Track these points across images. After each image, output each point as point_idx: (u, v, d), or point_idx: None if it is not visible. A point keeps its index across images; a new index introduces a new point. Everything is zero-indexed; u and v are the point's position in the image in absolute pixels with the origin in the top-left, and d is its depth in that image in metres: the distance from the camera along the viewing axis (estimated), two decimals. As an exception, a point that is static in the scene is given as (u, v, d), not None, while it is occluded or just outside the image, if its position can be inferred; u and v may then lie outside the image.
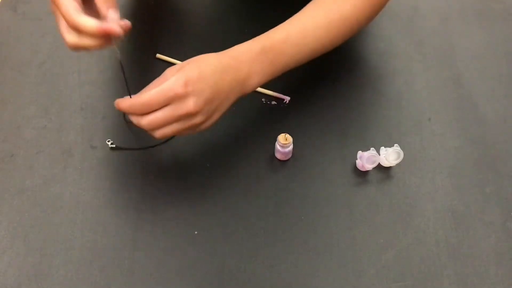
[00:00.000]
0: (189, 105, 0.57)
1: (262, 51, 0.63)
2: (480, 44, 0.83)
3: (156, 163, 0.69)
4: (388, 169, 0.69)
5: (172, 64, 0.77)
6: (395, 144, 0.67)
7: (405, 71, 0.79)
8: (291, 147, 0.67)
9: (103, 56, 0.79)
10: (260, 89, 0.75)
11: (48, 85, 0.76)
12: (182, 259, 0.61)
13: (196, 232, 0.63)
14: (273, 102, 0.74)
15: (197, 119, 0.58)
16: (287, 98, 0.74)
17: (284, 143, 0.66)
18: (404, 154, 0.67)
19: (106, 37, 0.55)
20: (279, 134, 0.67)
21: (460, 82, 0.78)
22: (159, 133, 0.59)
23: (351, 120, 0.73)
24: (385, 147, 0.68)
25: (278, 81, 0.75)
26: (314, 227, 0.64)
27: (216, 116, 0.61)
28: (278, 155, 0.68)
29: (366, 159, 0.67)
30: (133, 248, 0.62)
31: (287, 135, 0.66)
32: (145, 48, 0.80)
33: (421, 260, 0.62)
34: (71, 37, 0.56)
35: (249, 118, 0.73)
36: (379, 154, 0.67)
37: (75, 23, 0.54)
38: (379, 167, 0.68)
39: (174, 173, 0.68)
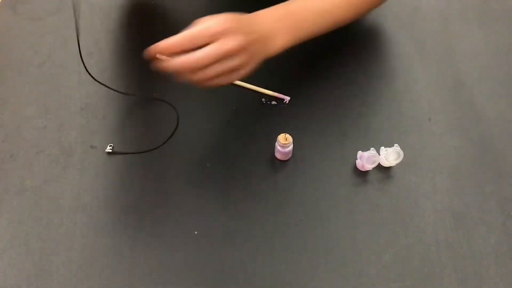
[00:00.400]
0: (230, 43, 0.58)
1: (286, 13, 0.65)
2: (480, 44, 0.83)
3: (156, 163, 0.69)
4: (388, 169, 0.69)
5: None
6: (395, 144, 0.67)
7: (405, 71, 0.79)
8: (291, 147, 0.67)
9: (103, 56, 0.79)
10: (260, 89, 0.75)
11: (48, 85, 0.76)
12: (182, 259, 0.61)
13: (196, 232, 0.63)
14: (273, 102, 0.74)
15: (237, 61, 0.59)
16: (287, 98, 0.74)
17: (284, 143, 0.66)
18: (404, 154, 0.67)
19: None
20: (279, 134, 0.67)
21: (460, 82, 0.78)
22: (199, 76, 0.59)
23: (351, 120, 0.73)
24: (385, 147, 0.68)
25: (278, 81, 0.76)
26: (314, 227, 0.64)
27: (251, 64, 0.61)
28: (278, 155, 0.68)
29: (366, 159, 0.67)
30: (133, 248, 0.62)
31: (287, 135, 0.66)
32: (145, 48, 0.80)
33: (421, 260, 0.62)
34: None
35: (249, 118, 0.73)
36: (379, 154, 0.67)
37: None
38: (379, 167, 0.68)
39: (174, 173, 0.68)
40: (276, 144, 0.67)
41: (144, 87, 0.76)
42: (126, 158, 0.68)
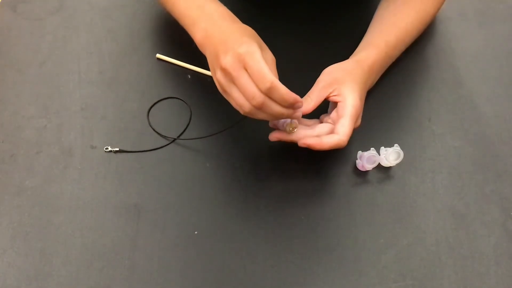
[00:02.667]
0: (360, 119, 0.67)
1: (385, 57, 0.72)
2: (480, 44, 0.83)
3: (156, 163, 0.69)
4: (388, 169, 0.69)
5: (172, 64, 0.77)
6: (395, 144, 0.67)
7: (406, 71, 0.79)
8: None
9: (103, 56, 0.79)
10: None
11: (48, 85, 0.76)
12: (182, 259, 0.61)
13: (196, 232, 0.63)
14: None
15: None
16: (287, 98, 0.74)
17: (291, 129, 0.65)
18: (404, 154, 0.67)
19: (290, 107, 0.60)
20: None
21: (460, 82, 0.78)
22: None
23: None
24: (385, 147, 0.68)
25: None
26: (314, 227, 0.64)
27: None
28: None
29: (366, 159, 0.67)
30: (133, 248, 0.62)
31: (294, 122, 0.65)
32: (145, 48, 0.80)
33: (421, 260, 0.62)
34: (261, 96, 0.57)
35: (249, 118, 0.72)
36: (379, 154, 0.67)
37: (274, 85, 0.57)
38: (379, 167, 0.68)
39: (174, 173, 0.68)
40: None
41: (144, 86, 0.76)
42: (126, 158, 0.68)
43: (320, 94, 0.66)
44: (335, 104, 0.66)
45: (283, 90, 0.58)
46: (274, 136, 0.65)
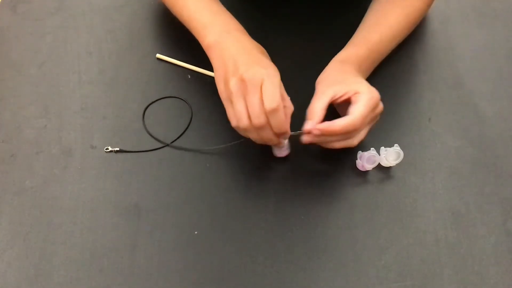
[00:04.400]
0: (381, 105, 0.65)
1: (368, 53, 0.71)
2: (480, 44, 0.83)
3: (156, 163, 0.69)
4: (388, 169, 0.69)
5: (172, 64, 0.77)
6: (395, 144, 0.67)
7: (405, 71, 0.79)
8: (286, 142, 0.67)
9: (103, 56, 0.79)
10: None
11: (48, 85, 0.76)
12: (182, 259, 0.61)
13: (196, 232, 0.63)
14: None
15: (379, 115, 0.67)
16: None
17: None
18: (404, 154, 0.67)
19: (280, 135, 0.63)
20: None
21: (460, 82, 0.78)
22: (357, 141, 0.65)
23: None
24: (385, 147, 0.68)
25: (278, 81, 0.75)
26: (314, 227, 0.64)
27: None
28: (275, 152, 0.68)
29: (366, 159, 0.67)
30: (133, 248, 0.62)
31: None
32: (145, 48, 0.80)
33: (421, 260, 0.62)
34: (263, 117, 0.60)
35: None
36: (379, 154, 0.67)
37: (280, 107, 0.59)
38: (379, 167, 0.68)
39: (174, 173, 0.68)
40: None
41: (144, 86, 0.76)
42: (126, 158, 0.68)
43: (322, 101, 0.63)
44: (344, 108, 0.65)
45: (283, 117, 0.60)
46: (306, 140, 0.64)
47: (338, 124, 0.61)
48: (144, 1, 0.86)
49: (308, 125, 0.62)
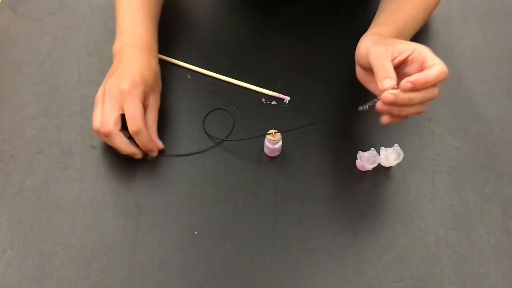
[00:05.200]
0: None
1: (397, 35, 0.67)
2: (480, 44, 0.83)
3: (156, 163, 0.69)
4: (388, 169, 0.69)
5: (172, 64, 0.77)
6: (395, 144, 0.67)
7: (405, 71, 0.79)
8: (279, 144, 0.67)
9: (103, 56, 0.79)
10: (260, 89, 0.75)
11: (48, 85, 0.76)
12: (182, 259, 0.61)
13: (196, 232, 0.63)
14: (273, 102, 0.74)
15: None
16: (287, 98, 0.74)
17: (272, 139, 0.66)
18: (404, 154, 0.67)
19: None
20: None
21: (460, 82, 0.78)
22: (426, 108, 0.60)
23: (351, 120, 0.73)
24: (385, 147, 0.68)
25: (278, 81, 0.76)
26: (314, 227, 0.64)
27: None
28: (266, 151, 0.68)
29: (366, 159, 0.67)
30: (133, 248, 0.62)
31: (275, 131, 0.66)
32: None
33: (421, 260, 0.62)
34: (120, 141, 0.66)
35: (249, 118, 0.73)
36: (379, 154, 0.67)
37: (141, 131, 0.65)
38: (379, 167, 0.68)
39: (173, 173, 0.68)
40: (265, 140, 0.67)
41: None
42: (126, 158, 0.68)
43: (388, 62, 0.59)
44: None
45: (146, 137, 0.65)
46: (385, 121, 0.61)
47: (430, 73, 0.57)
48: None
49: (388, 83, 0.58)
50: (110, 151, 0.69)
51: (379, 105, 0.59)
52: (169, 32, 0.82)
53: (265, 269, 0.61)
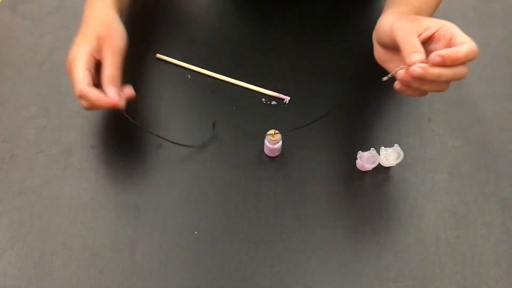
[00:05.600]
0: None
1: (415, 13, 0.64)
2: (480, 44, 0.83)
3: (156, 163, 0.69)
4: (388, 169, 0.69)
5: (172, 64, 0.77)
6: (395, 144, 0.67)
7: (405, 71, 0.79)
8: (279, 144, 0.67)
9: (103, 56, 0.79)
10: (260, 89, 0.75)
11: (48, 85, 0.76)
12: (182, 259, 0.61)
13: (196, 232, 0.63)
14: (273, 102, 0.74)
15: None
16: (287, 98, 0.74)
17: (272, 139, 0.66)
18: (404, 154, 0.67)
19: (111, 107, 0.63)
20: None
21: (460, 82, 0.77)
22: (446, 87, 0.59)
23: (351, 120, 0.73)
24: (385, 147, 0.68)
25: (278, 81, 0.75)
26: (314, 227, 0.64)
27: None
28: (266, 151, 0.69)
29: (366, 159, 0.67)
30: (133, 248, 0.62)
31: (276, 131, 0.66)
32: (145, 48, 0.80)
33: (421, 260, 0.62)
34: (83, 102, 0.63)
35: (249, 118, 0.73)
36: (379, 154, 0.67)
37: (84, 94, 0.61)
38: (379, 167, 0.68)
39: (173, 173, 0.68)
40: (265, 140, 0.67)
41: (144, 86, 0.76)
42: (126, 158, 0.68)
43: (415, 37, 0.57)
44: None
45: (94, 98, 0.61)
46: (398, 87, 0.59)
47: (460, 49, 0.56)
48: (144, 1, 0.85)
49: (416, 57, 0.55)
50: (110, 151, 0.69)
51: (403, 75, 0.56)
52: (169, 32, 0.82)
53: (265, 269, 0.61)
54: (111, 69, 0.64)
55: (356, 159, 0.68)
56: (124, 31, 0.68)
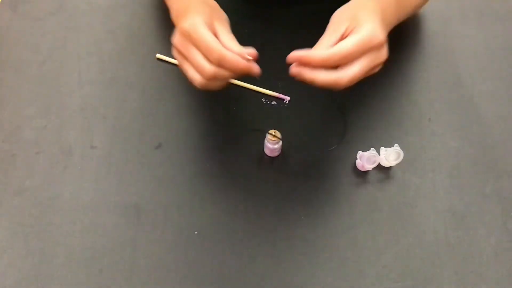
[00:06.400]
0: (383, 53, 0.59)
1: (395, 2, 0.66)
2: (480, 44, 0.83)
3: (156, 163, 0.69)
4: (388, 169, 0.69)
5: (172, 64, 0.77)
6: (395, 144, 0.67)
7: (405, 71, 0.79)
8: (279, 144, 0.67)
9: (103, 56, 0.79)
10: (260, 89, 0.75)
11: (48, 85, 0.76)
12: (182, 259, 0.61)
13: (196, 232, 0.63)
14: (273, 102, 0.74)
15: (381, 64, 0.60)
16: (287, 98, 0.74)
17: (272, 139, 0.66)
18: (404, 154, 0.67)
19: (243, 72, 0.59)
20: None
21: (460, 82, 0.78)
22: (347, 82, 0.58)
23: (351, 120, 0.73)
24: (385, 147, 0.68)
25: (278, 81, 0.76)
26: (314, 227, 0.64)
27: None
28: (266, 151, 0.69)
29: (366, 159, 0.67)
30: (133, 248, 0.62)
31: (276, 132, 0.66)
32: (145, 48, 0.80)
33: (421, 260, 0.62)
34: (211, 68, 0.58)
35: (249, 118, 0.73)
36: (379, 154, 0.67)
37: (222, 56, 0.56)
38: (379, 167, 0.68)
39: (174, 173, 0.68)
40: (265, 140, 0.67)
41: (144, 86, 0.76)
42: (126, 158, 0.68)
43: (331, 38, 0.59)
44: None
45: (233, 60, 0.57)
46: (292, 72, 0.60)
47: (317, 54, 0.56)
48: (144, 1, 0.86)
49: (295, 53, 0.58)
50: (110, 151, 0.69)
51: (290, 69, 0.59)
52: (169, 32, 0.82)
53: (265, 269, 0.61)
54: (230, 37, 0.60)
55: (356, 159, 0.68)
56: (227, 17, 0.65)
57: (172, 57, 0.78)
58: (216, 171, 0.68)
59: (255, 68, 0.59)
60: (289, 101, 0.74)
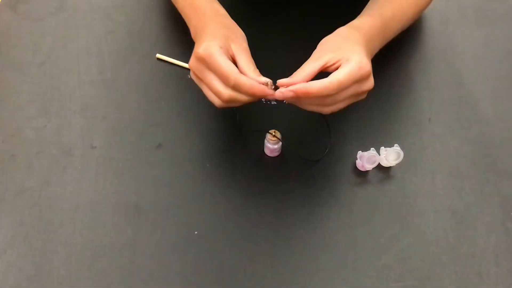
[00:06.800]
0: (371, 82, 0.61)
1: (382, 27, 0.69)
2: (480, 44, 0.83)
3: (156, 163, 0.69)
4: (388, 169, 0.69)
5: (172, 64, 0.77)
6: (395, 144, 0.67)
7: (405, 71, 0.79)
8: (279, 144, 0.67)
9: (103, 56, 0.79)
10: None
11: (48, 85, 0.76)
12: (182, 259, 0.61)
13: (196, 232, 0.63)
14: (273, 102, 0.74)
15: (367, 92, 0.63)
16: (287, 98, 0.74)
17: (272, 139, 0.66)
18: (404, 154, 0.67)
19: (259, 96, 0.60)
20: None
21: (460, 82, 0.78)
22: (330, 110, 0.61)
23: (351, 120, 0.73)
24: (385, 147, 0.68)
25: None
26: (314, 227, 0.64)
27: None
28: (266, 151, 0.69)
29: (366, 159, 0.67)
30: (133, 248, 0.62)
31: (276, 131, 0.66)
32: (145, 48, 0.80)
33: (421, 260, 0.62)
34: (227, 92, 0.59)
35: (249, 118, 0.73)
36: (379, 154, 0.67)
37: (237, 82, 0.58)
38: (379, 167, 0.68)
39: (174, 173, 0.68)
40: (265, 140, 0.67)
41: (144, 86, 0.76)
42: (126, 158, 0.68)
43: (314, 65, 0.61)
44: None
45: (247, 85, 0.59)
46: (278, 96, 0.61)
47: (314, 86, 0.58)
48: (144, 1, 0.86)
49: (284, 81, 0.60)
50: (110, 151, 0.69)
51: (276, 93, 0.61)
52: (169, 32, 0.82)
53: (265, 269, 0.61)
54: (247, 57, 0.62)
55: (356, 159, 0.68)
56: (244, 34, 0.67)
57: (172, 57, 0.78)
58: (216, 171, 0.68)
59: (270, 93, 0.61)
60: (289, 101, 0.74)
